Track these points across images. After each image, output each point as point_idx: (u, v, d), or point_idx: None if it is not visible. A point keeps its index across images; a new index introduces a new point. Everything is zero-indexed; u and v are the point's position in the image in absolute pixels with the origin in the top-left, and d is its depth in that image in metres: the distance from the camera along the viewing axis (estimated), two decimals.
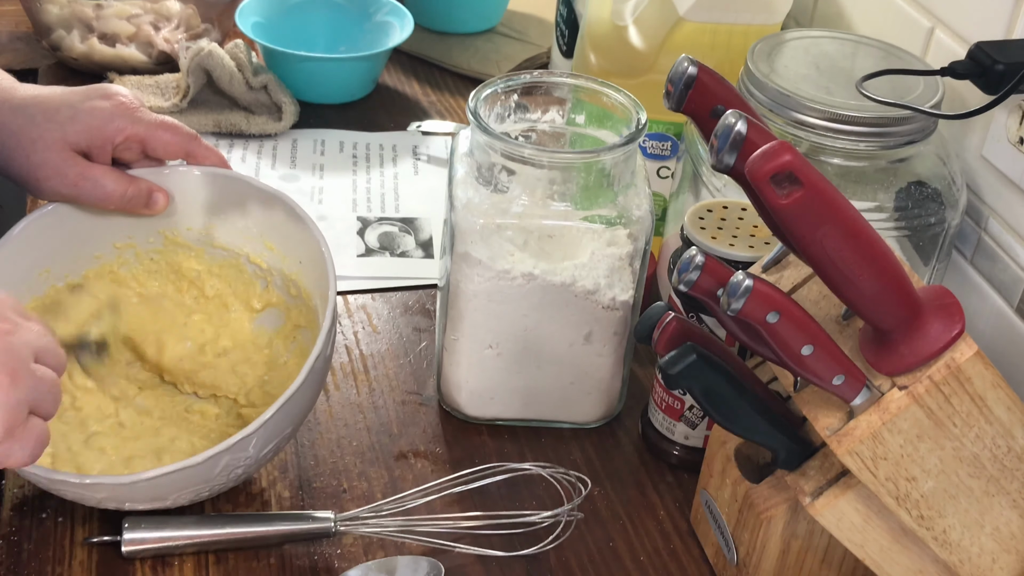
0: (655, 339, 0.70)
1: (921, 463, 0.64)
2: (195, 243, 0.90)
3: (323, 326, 0.77)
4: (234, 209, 0.89)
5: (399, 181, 1.19)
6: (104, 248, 0.89)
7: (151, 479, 0.72)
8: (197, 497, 0.76)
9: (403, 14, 1.33)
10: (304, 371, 0.75)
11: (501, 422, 0.91)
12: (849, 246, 0.60)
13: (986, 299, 0.90)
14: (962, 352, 0.62)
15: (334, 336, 0.79)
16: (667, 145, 1.05)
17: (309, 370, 0.75)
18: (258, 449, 0.75)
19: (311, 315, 0.88)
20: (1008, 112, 0.85)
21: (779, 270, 0.74)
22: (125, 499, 0.75)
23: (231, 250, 0.90)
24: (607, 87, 0.86)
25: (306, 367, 0.75)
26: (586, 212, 0.82)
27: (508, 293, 0.83)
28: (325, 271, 0.81)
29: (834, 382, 0.64)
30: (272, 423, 0.74)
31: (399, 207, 1.15)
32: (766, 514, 0.73)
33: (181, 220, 0.89)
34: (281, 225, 0.87)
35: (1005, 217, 0.88)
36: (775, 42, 0.92)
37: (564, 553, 0.81)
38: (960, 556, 0.68)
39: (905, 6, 0.98)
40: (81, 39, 1.26)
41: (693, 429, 0.86)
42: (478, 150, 0.83)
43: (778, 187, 0.58)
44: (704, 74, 0.69)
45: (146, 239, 0.90)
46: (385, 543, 0.80)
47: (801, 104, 0.85)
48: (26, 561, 0.77)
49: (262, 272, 0.90)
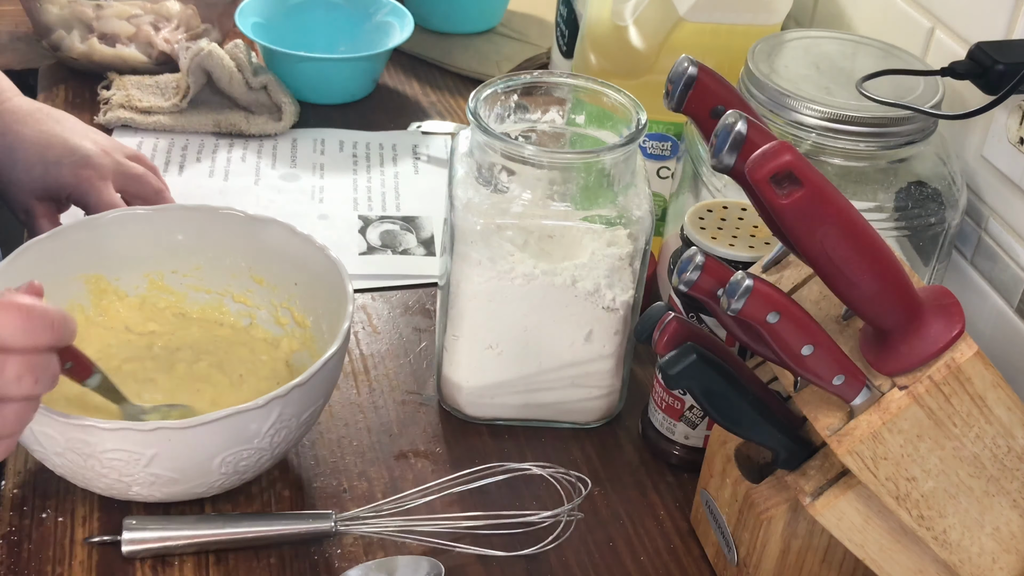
0: (655, 339, 0.70)
1: (921, 463, 0.64)
2: (177, 288, 0.92)
3: (347, 312, 0.80)
4: (221, 244, 0.91)
5: (399, 180, 1.19)
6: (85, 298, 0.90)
7: (198, 425, 0.72)
8: (210, 481, 0.76)
9: (403, 14, 1.33)
10: (337, 342, 0.78)
11: (501, 422, 0.91)
12: (849, 246, 0.60)
13: (986, 299, 0.90)
14: (962, 352, 0.62)
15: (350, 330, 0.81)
16: (667, 145, 1.05)
17: (340, 344, 0.78)
18: (289, 417, 0.76)
19: (306, 336, 0.89)
20: (1008, 112, 0.85)
21: (779, 270, 0.74)
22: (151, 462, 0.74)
23: (214, 292, 0.92)
24: (607, 87, 0.86)
25: (338, 340, 0.78)
26: (586, 212, 0.82)
27: (508, 293, 0.84)
28: (329, 278, 0.85)
29: (834, 382, 0.64)
30: (308, 388, 0.75)
31: (400, 206, 1.15)
32: (766, 514, 0.73)
33: (166, 263, 0.91)
34: (273, 249, 0.89)
35: (1005, 217, 0.88)
36: (775, 42, 0.92)
37: (564, 553, 0.81)
38: (960, 556, 0.68)
39: (905, 6, 0.98)
40: (81, 39, 1.26)
41: (693, 429, 0.86)
42: (478, 150, 0.83)
43: (778, 187, 0.58)
44: (704, 74, 0.69)
45: (131, 283, 0.91)
46: (385, 543, 0.80)
47: (801, 104, 0.85)
48: (26, 561, 0.77)
49: (247, 310, 0.92)
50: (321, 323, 0.88)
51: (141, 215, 0.90)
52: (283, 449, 0.79)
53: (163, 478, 0.75)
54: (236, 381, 0.86)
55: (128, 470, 0.74)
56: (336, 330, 0.80)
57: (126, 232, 0.89)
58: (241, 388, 0.86)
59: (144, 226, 0.90)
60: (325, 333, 0.87)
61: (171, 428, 0.72)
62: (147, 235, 0.90)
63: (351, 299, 0.82)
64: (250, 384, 0.86)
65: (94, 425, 0.71)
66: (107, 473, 0.74)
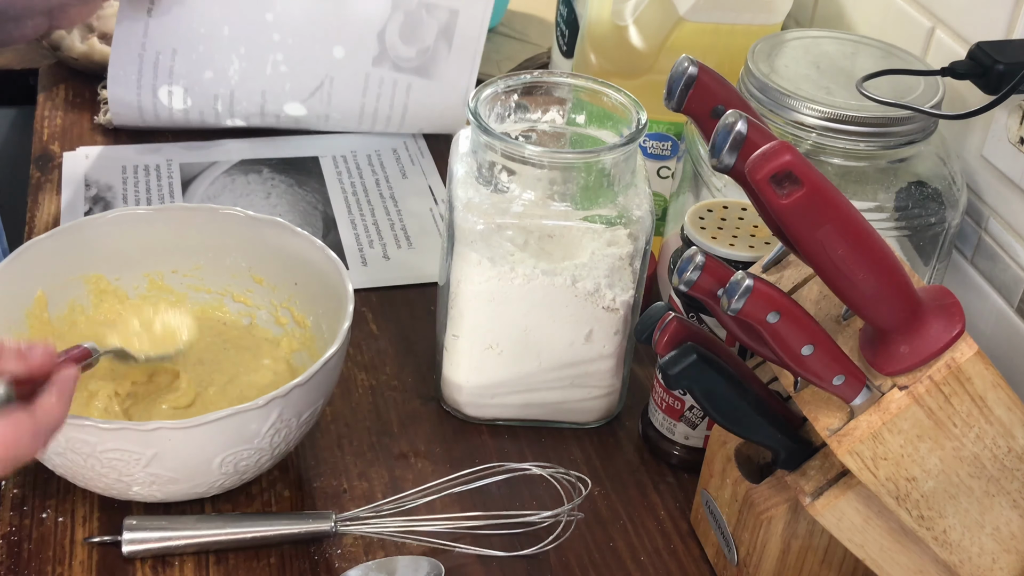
0: (655, 339, 0.70)
1: (921, 463, 0.64)
2: (177, 288, 0.92)
3: (346, 310, 0.80)
4: (221, 243, 0.91)
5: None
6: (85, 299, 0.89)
7: (204, 423, 0.72)
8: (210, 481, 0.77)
9: None
10: (337, 342, 0.78)
11: (501, 422, 0.91)
12: (849, 246, 0.60)
13: (986, 299, 0.90)
14: (962, 352, 0.62)
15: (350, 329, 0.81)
16: (667, 145, 1.05)
17: (340, 344, 0.78)
18: (289, 417, 0.76)
19: (306, 336, 0.89)
20: (1008, 112, 0.85)
21: (779, 270, 0.74)
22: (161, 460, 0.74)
23: (214, 292, 0.92)
24: (607, 87, 0.86)
25: (338, 340, 0.78)
26: (586, 212, 0.82)
27: (508, 293, 0.83)
28: (329, 277, 0.85)
29: (834, 382, 0.64)
30: (308, 388, 0.76)
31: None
32: (766, 514, 0.73)
33: (166, 262, 0.91)
34: (273, 249, 0.89)
35: (1005, 217, 0.88)
36: (775, 42, 0.92)
37: (564, 553, 0.81)
38: (960, 556, 0.68)
39: (905, 6, 0.98)
40: (81, 39, 1.26)
41: (693, 429, 0.86)
42: (478, 150, 0.83)
43: (778, 187, 0.57)
44: (704, 74, 0.69)
45: (131, 283, 0.91)
46: (385, 543, 0.80)
47: (801, 104, 0.85)
48: (26, 561, 0.77)
49: (247, 310, 0.92)
50: (321, 323, 0.88)
51: (141, 215, 0.90)
52: (283, 449, 0.79)
53: (163, 478, 0.75)
54: (236, 381, 0.86)
55: (128, 470, 0.74)
56: (336, 330, 0.80)
57: (126, 232, 0.89)
58: (241, 388, 0.86)
59: (144, 226, 0.90)
60: (325, 333, 0.87)
61: (171, 428, 0.72)
62: (147, 235, 0.90)
63: (351, 299, 0.82)
64: (250, 384, 0.86)
65: (94, 425, 0.71)
66: (107, 473, 0.74)
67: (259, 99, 1.17)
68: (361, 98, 1.18)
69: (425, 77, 1.17)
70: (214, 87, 1.16)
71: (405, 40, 1.15)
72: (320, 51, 1.16)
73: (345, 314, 0.81)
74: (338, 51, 1.15)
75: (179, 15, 1.13)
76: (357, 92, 1.18)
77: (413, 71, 1.16)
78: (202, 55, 1.14)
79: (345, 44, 1.15)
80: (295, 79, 1.17)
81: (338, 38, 1.15)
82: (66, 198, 1.10)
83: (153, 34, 1.13)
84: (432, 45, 1.16)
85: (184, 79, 1.15)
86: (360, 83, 1.17)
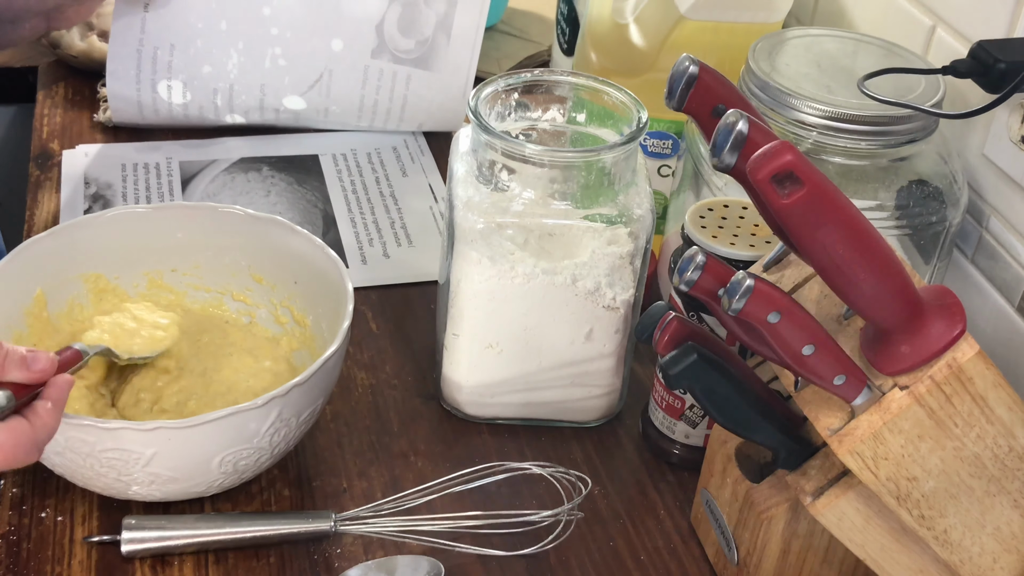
0: (656, 338, 0.69)
1: (922, 463, 0.64)
2: (177, 286, 0.92)
3: (346, 309, 0.80)
4: (220, 242, 0.91)
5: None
6: (84, 297, 0.89)
7: (202, 423, 0.72)
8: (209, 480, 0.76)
9: None
10: (337, 341, 0.77)
11: (501, 421, 0.91)
12: (850, 245, 0.60)
13: (987, 298, 0.90)
14: (963, 352, 0.62)
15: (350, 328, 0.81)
16: (668, 143, 1.05)
17: (339, 343, 0.78)
18: (289, 417, 0.76)
19: (305, 335, 0.89)
20: (1010, 111, 0.85)
21: (780, 269, 0.74)
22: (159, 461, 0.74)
23: (214, 291, 0.92)
24: (608, 85, 0.85)
25: (338, 339, 0.78)
26: (587, 211, 0.82)
27: (508, 292, 0.83)
28: (329, 276, 0.85)
29: (835, 382, 0.64)
30: (307, 387, 0.75)
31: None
32: (767, 514, 0.73)
33: (165, 261, 0.91)
34: (273, 248, 0.89)
35: (1006, 216, 0.88)
36: (776, 41, 0.92)
37: (564, 553, 0.80)
38: (961, 556, 0.68)
39: (906, 4, 0.98)
40: (81, 37, 1.26)
41: (694, 428, 0.86)
42: (479, 149, 0.83)
43: (779, 187, 0.57)
44: (705, 73, 0.69)
45: (131, 282, 0.91)
46: (385, 543, 0.80)
47: (802, 103, 0.85)
48: (26, 560, 0.77)
49: (247, 309, 0.92)
50: (321, 322, 0.88)
51: (141, 213, 0.90)
52: (283, 448, 0.79)
53: (162, 477, 0.75)
54: (236, 380, 0.86)
55: (127, 469, 0.74)
56: (336, 329, 0.80)
57: (126, 231, 0.89)
58: (240, 387, 0.86)
59: (144, 225, 0.90)
60: (325, 332, 0.87)
61: (170, 427, 0.72)
62: (147, 234, 0.90)
63: (351, 298, 0.82)
64: (249, 383, 0.86)
65: (93, 424, 0.71)
66: (106, 472, 0.74)
67: (258, 93, 1.17)
68: (360, 90, 1.18)
69: (424, 69, 1.17)
70: (213, 81, 1.16)
71: (404, 32, 1.15)
72: (318, 44, 1.15)
73: (345, 313, 0.80)
74: (336, 44, 1.15)
75: (176, 10, 1.13)
76: (356, 84, 1.17)
77: (412, 63, 1.16)
78: (200, 50, 1.14)
79: (343, 37, 1.15)
80: (294, 72, 1.16)
81: (336, 31, 1.15)
82: (65, 196, 1.10)
83: (150, 29, 1.13)
84: (431, 36, 1.16)
85: (183, 73, 1.15)
86: (359, 75, 1.17)
